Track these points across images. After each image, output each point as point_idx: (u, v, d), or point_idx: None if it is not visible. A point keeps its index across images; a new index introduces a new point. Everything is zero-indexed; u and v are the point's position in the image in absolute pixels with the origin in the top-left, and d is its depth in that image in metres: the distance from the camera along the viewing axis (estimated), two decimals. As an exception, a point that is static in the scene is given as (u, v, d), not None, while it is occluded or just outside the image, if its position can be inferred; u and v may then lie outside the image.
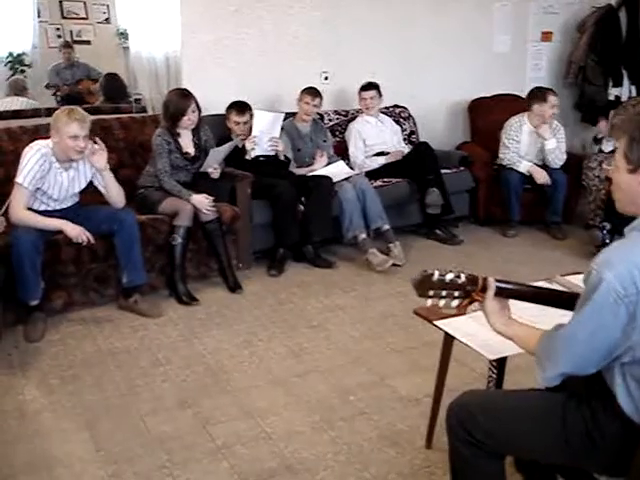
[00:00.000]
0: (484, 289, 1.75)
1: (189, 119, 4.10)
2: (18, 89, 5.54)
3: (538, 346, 1.62)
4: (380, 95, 5.16)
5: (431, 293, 1.73)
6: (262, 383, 3.02)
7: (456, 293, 1.75)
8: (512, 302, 1.81)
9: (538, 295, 1.85)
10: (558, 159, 5.15)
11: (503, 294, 1.78)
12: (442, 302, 1.76)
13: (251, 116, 4.58)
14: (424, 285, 1.72)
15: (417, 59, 5.74)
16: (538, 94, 5.15)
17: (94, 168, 3.65)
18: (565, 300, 1.77)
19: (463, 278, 1.74)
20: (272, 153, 4.57)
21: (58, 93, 5.93)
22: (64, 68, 6.17)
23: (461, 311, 1.85)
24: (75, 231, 3.46)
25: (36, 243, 3.36)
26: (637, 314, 1.44)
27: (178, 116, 4.07)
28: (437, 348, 2.46)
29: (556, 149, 5.12)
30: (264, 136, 4.52)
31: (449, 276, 1.73)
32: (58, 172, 3.55)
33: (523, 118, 5.22)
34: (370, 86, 5.13)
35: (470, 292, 1.76)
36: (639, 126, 1.54)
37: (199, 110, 4.16)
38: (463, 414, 1.73)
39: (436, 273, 1.72)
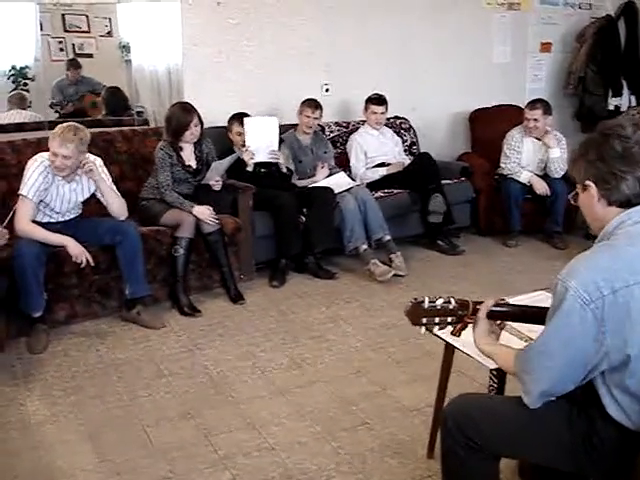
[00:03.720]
0: (475, 312, 1.79)
1: (192, 133, 4.12)
2: (21, 102, 5.57)
3: (516, 361, 1.65)
4: (387, 110, 5.19)
5: (424, 321, 1.77)
6: (264, 394, 3.03)
7: (449, 319, 1.78)
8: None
9: (525, 314, 1.88)
10: (560, 169, 5.14)
11: (494, 317, 1.81)
12: (436, 329, 1.80)
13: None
14: (416, 313, 1.76)
15: (417, 70, 5.77)
16: (528, 103, 5.23)
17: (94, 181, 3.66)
18: None
19: (454, 303, 1.77)
20: (273, 160, 4.56)
21: (62, 111, 5.94)
22: (68, 85, 6.18)
23: (455, 336, 1.88)
24: (77, 250, 3.47)
25: (39, 255, 3.38)
26: (605, 318, 1.46)
27: (181, 131, 4.10)
28: (438, 358, 2.47)
29: (559, 158, 5.13)
30: (262, 142, 4.50)
31: (439, 302, 1.76)
32: (60, 184, 3.58)
33: (524, 129, 5.25)
34: (382, 100, 5.12)
35: (462, 317, 1.79)
36: (579, 147, 1.65)
37: (201, 124, 4.18)
38: (461, 418, 1.74)
39: (426, 300, 1.75)
